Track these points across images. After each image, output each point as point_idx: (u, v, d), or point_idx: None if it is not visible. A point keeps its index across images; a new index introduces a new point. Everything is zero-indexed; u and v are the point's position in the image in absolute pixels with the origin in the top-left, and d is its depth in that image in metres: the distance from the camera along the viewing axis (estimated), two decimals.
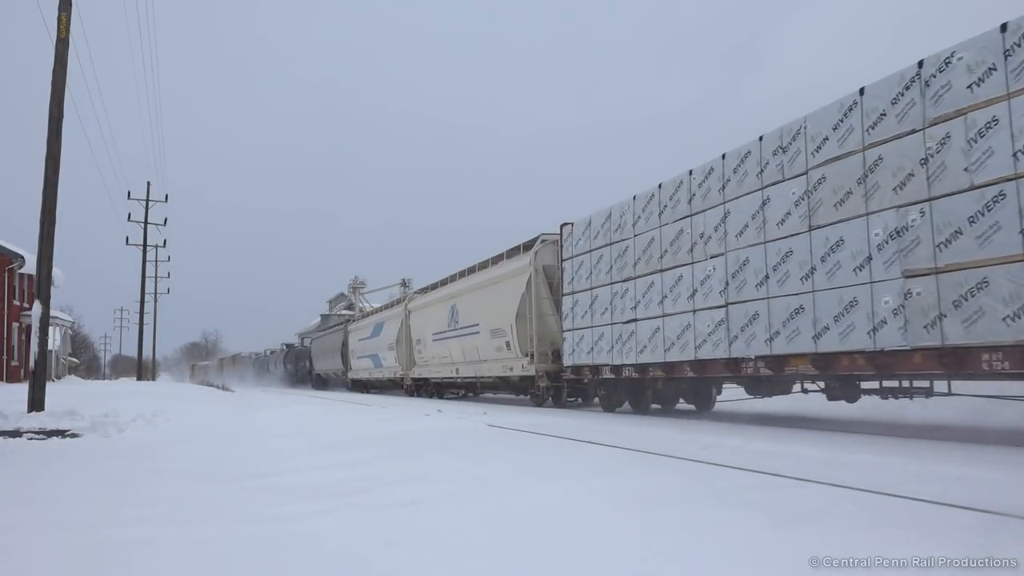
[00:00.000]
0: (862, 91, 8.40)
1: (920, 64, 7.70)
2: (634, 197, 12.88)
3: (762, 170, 9.90)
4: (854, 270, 8.34)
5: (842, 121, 8.65)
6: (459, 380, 22.53)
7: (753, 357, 9.88)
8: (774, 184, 9.64)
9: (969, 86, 7.15)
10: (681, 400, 13.90)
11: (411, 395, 27.12)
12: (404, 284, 59.91)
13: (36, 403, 11.17)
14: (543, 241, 17.22)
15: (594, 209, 14.21)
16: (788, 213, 9.38)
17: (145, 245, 40.51)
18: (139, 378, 42.20)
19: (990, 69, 6.95)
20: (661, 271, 11.90)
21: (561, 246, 15.49)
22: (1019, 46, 6.72)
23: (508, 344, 18.05)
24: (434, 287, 25.26)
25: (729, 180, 10.52)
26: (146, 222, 39.98)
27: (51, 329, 16.27)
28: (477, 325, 19.99)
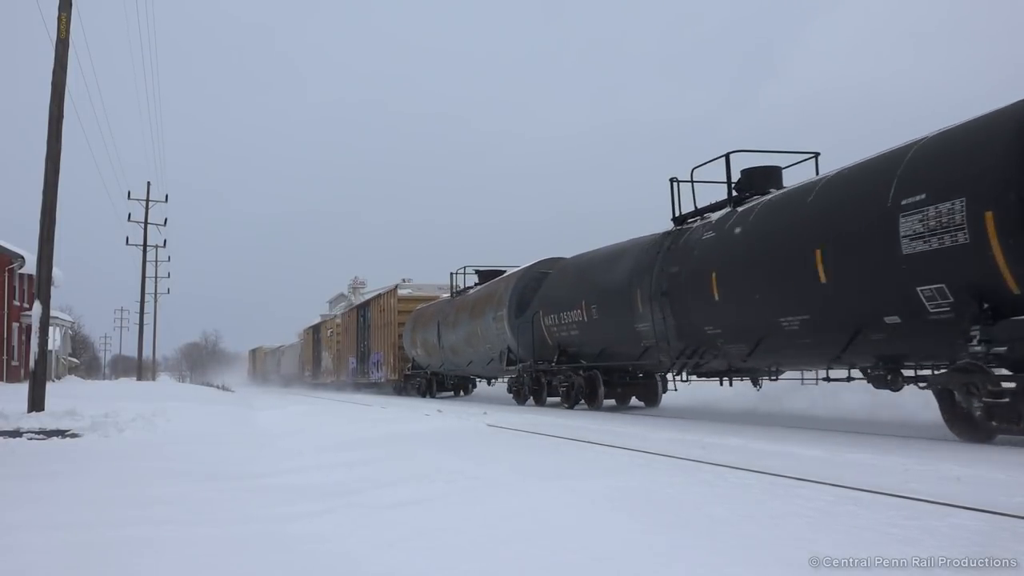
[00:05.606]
0: None
1: None
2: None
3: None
4: None
5: None
6: None
7: None
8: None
9: None
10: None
11: None
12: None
13: (36, 403, 11.17)
14: None
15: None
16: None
17: (145, 245, 40.54)
18: (139, 378, 42.20)
19: None
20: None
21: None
22: None
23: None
24: None
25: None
26: (146, 222, 40.00)
27: (51, 329, 16.27)
28: None
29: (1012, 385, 6.65)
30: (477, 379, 24.76)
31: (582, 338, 14.68)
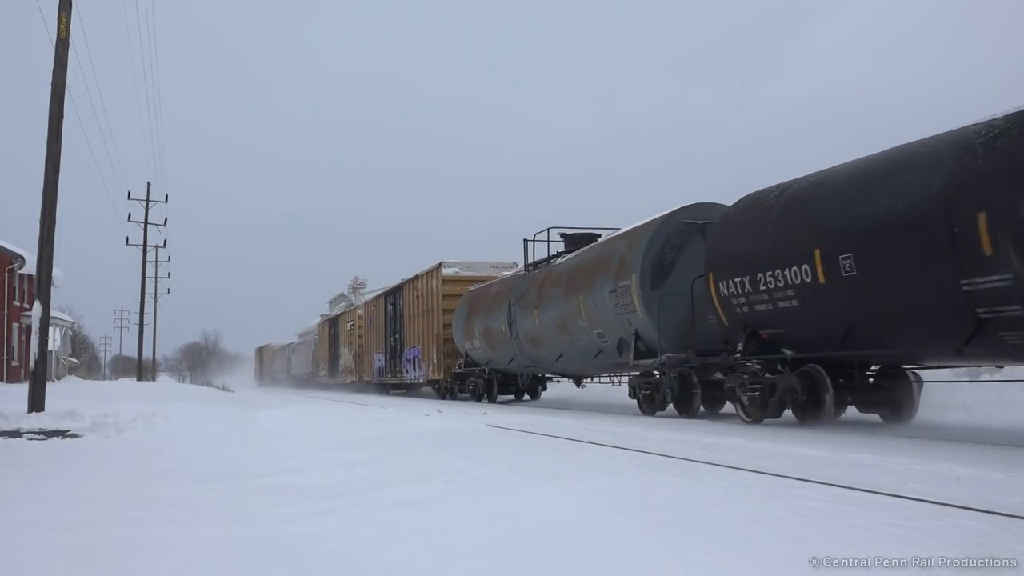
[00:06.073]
0: None
1: None
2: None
3: None
4: None
5: None
6: None
7: None
8: None
9: None
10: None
11: None
12: None
13: (36, 403, 11.17)
14: None
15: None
16: None
17: (145, 245, 40.52)
18: (139, 378, 42.21)
19: None
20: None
21: None
22: None
23: None
24: None
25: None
26: (146, 223, 39.98)
27: (51, 329, 16.27)
28: None
29: None
30: (555, 379, 19.98)
31: (805, 312, 9.17)
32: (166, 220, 40.83)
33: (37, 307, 11.60)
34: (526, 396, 20.36)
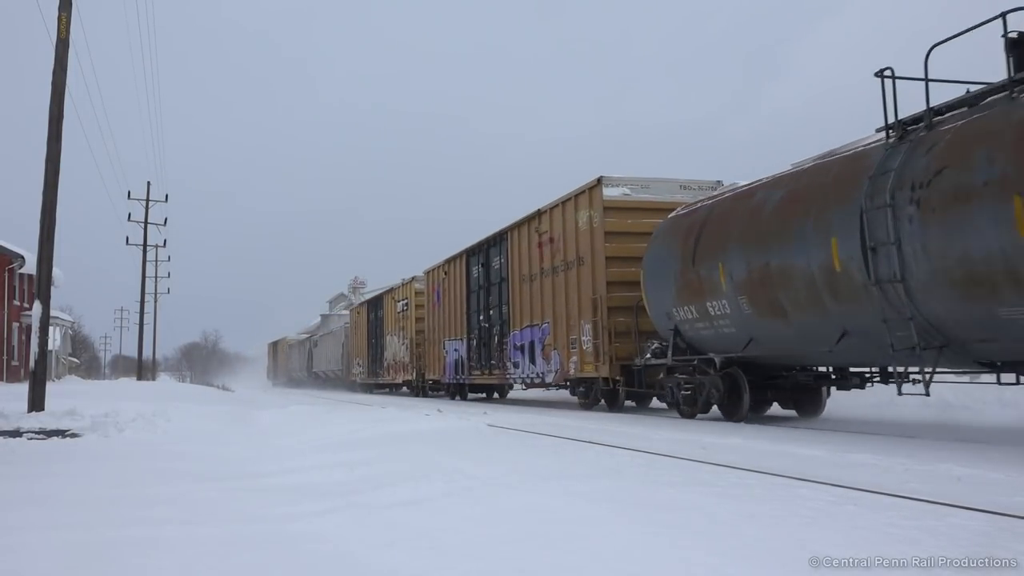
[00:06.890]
0: None
1: None
2: None
3: None
4: None
5: None
6: None
7: None
8: None
9: None
10: None
11: None
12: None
13: (36, 403, 11.17)
14: None
15: None
16: None
17: (145, 245, 40.47)
18: (139, 378, 42.21)
19: None
20: None
21: None
22: None
23: None
24: None
25: None
26: (146, 222, 39.95)
27: (51, 329, 16.26)
28: None
29: None
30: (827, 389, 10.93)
31: None
32: (166, 220, 40.82)
33: (37, 307, 11.60)
34: (791, 407, 11.40)
